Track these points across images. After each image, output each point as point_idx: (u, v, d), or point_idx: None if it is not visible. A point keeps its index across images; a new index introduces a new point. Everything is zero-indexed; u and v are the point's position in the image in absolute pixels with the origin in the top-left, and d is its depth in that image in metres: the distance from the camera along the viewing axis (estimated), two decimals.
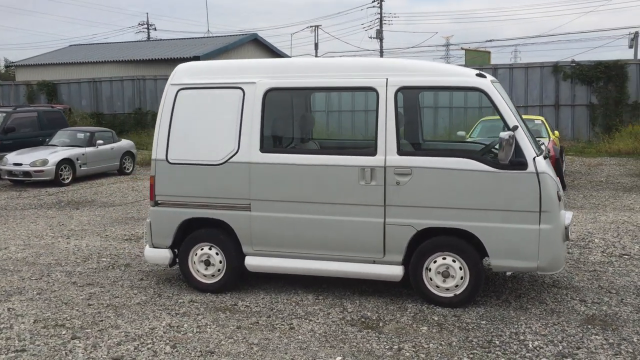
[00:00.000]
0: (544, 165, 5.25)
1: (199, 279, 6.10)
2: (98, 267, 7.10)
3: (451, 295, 5.50)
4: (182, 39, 35.03)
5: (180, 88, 6.08)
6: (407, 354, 4.57)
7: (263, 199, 5.82)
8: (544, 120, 14.42)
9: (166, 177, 6.08)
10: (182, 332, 5.05)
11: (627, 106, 20.90)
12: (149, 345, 4.78)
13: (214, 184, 5.93)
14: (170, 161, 6.04)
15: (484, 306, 5.53)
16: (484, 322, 5.17)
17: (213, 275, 6.06)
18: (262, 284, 6.22)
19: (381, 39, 44.29)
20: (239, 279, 6.09)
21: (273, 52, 32.78)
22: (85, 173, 15.24)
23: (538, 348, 4.62)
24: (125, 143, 16.91)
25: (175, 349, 4.71)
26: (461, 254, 5.45)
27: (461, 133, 13.71)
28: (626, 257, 7.14)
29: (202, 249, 6.08)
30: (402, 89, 5.56)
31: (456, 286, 5.48)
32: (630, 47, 29.91)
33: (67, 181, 14.53)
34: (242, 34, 32.19)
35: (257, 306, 5.65)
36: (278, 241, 5.84)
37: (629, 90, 20.91)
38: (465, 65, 16.49)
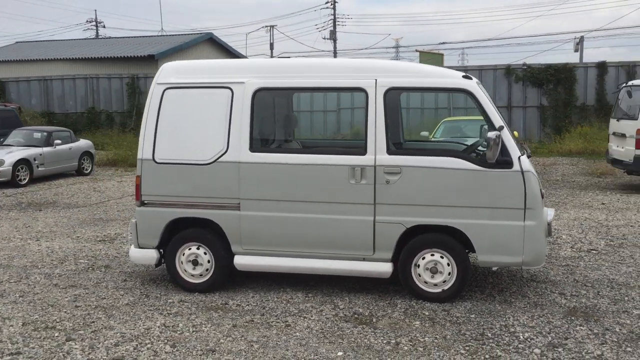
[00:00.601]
0: (527, 164, 5.46)
1: (186, 278, 6.10)
2: (77, 268, 6.99)
3: (439, 290, 5.66)
4: (135, 37, 34.52)
5: (167, 87, 6.06)
6: (405, 347, 4.70)
7: (252, 198, 5.86)
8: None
9: (153, 177, 6.05)
10: (178, 332, 5.05)
11: (576, 108, 21.68)
12: (148, 345, 4.77)
13: (203, 183, 5.94)
14: (157, 161, 6.01)
15: (470, 300, 5.71)
16: (473, 315, 5.34)
17: (201, 275, 6.07)
18: (249, 283, 6.26)
19: (335, 40, 44.62)
20: (227, 279, 6.12)
21: (228, 51, 32.63)
22: (43, 174, 14.88)
23: (529, 339, 4.82)
24: (83, 143, 16.59)
25: (176, 349, 4.72)
26: (449, 251, 5.62)
27: (424, 133, 13.98)
28: (594, 252, 7.46)
29: (189, 249, 6.08)
30: (391, 90, 5.69)
31: (444, 282, 5.64)
32: (576, 50, 30.93)
33: (24, 182, 14.16)
34: (198, 33, 31.93)
35: (248, 305, 5.69)
36: (268, 240, 5.89)
37: (577, 93, 21.70)
38: None
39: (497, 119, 5.50)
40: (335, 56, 44.50)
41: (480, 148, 6.22)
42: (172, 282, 6.26)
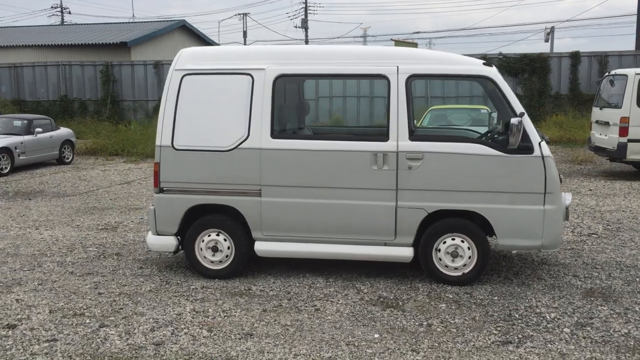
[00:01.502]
0: (547, 149, 5.60)
1: (206, 265, 6.10)
2: (88, 256, 6.93)
3: (459, 274, 5.79)
4: (106, 23, 33.95)
5: (186, 74, 6.03)
6: (438, 329, 4.81)
7: (274, 185, 5.88)
8: (490, 110, 15.06)
9: (172, 164, 6.03)
10: (210, 317, 5.07)
11: (550, 97, 22.13)
12: (185, 330, 4.78)
13: (223, 170, 5.94)
14: (177, 147, 5.99)
15: (489, 284, 5.85)
16: (495, 298, 5.48)
17: (221, 262, 6.08)
18: (268, 269, 6.30)
19: (306, 29, 44.52)
20: (246, 265, 6.14)
21: (201, 39, 32.34)
22: (24, 162, 14.60)
23: (556, 319, 4.97)
24: (64, 131, 16.30)
25: (213, 333, 4.74)
26: (469, 235, 5.74)
27: None
28: (594, 236, 7.69)
29: (209, 235, 6.08)
30: (413, 77, 5.77)
31: (464, 265, 5.77)
32: (546, 41, 31.46)
33: (5, 171, 13.86)
34: (171, 21, 31.51)
35: (272, 290, 5.73)
36: (289, 226, 5.93)
37: (551, 82, 22.14)
38: None
39: (518, 106, 5.61)
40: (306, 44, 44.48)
41: (497, 134, 6.33)
42: (189, 269, 6.27)
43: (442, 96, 22.00)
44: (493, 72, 5.72)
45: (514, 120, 5.39)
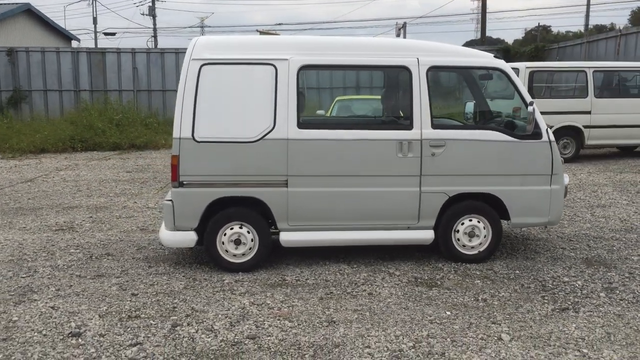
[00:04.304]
0: (552, 135, 6.20)
1: (228, 259, 5.98)
2: (79, 259, 6.43)
3: (476, 252, 6.23)
4: None
5: (204, 63, 5.83)
6: (495, 302, 5.18)
7: (301, 175, 5.91)
8: None
9: (193, 156, 5.81)
10: (275, 308, 5.03)
11: None
12: (267, 322, 4.71)
13: (248, 161, 5.85)
14: (198, 139, 5.79)
15: (500, 260, 6.35)
16: (517, 271, 5.99)
17: (243, 254, 5.99)
18: (281, 260, 6.30)
19: (154, 16, 42.97)
20: (268, 256, 6.11)
21: (48, 24, 30.07)
22: None
23: (585, 286, 5.57)
24: None
25: (294, 323, 4.72)
26: (485, 215, 6.20)
27: (320, 112, 14.42)
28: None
29: (231, 229, 5.96)
30: (432, 68, 6.08)
31: (480, 244, 6.22)
32: (398, 36, 33.29)
33: None
34: (13, 4, 28.86)
35: (308, 279, 5.77)
36: (316, 215, 5.99)
37: None
38: None
39: (527, 95, 6.15)
40: (155, 32, 43.00)
41: (509, 121, 6.78)
42: (202, 263, 6.11)
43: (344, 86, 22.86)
44: (503, 64, 6.21)
45: (530, 109, 5.92)
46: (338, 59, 6.08)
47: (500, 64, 6.20)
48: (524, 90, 6.19)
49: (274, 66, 5.88)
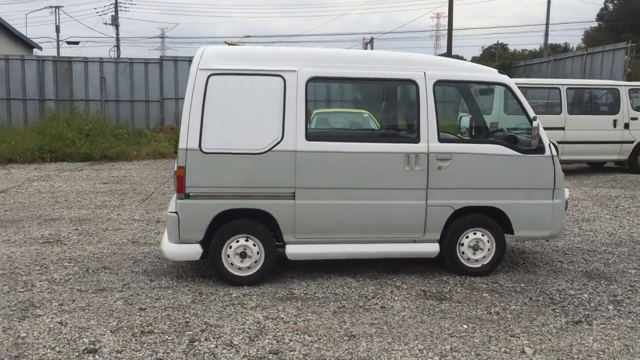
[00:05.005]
0: (554, 150, 6.29)
1: (233, 272, 5.87)
2: (76, 272, 6.23)
3: (479, 265, 6.26)
4: None
5: (212, 73, 5.75)
6: (509, 315, 5.20)
7: (309, 187, 5.85)
8: (370, 114, 15.86)
9: (200, 168, 5.70)
10: (290, 322, 4.95)
11: None
12: (287, 337, 4.62)
13: (256, 173, 5.77)
14: (205, 151, 5.68)
15: (503, 273, 6.39)
16: (522, 284, 6.03)
17: (249, 268, 5.89)
18: (285, 274, 6.22)
19: (117, 26, 42.35)
20: (274, 269, 6.03)
21: (10, 31, 29.35)
22: None
23: (591, 299, 5.64)
24: None
25: (314, 337, 4.64)
26: (489, 229, 6.24)
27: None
28: None
29: (237, 241, 5.86)
30: (439, 82, 6.12)
31: (484, 257, 6.25)
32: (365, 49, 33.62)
33: None
34: None
35: (316, 292, 5.71)
36: (323, 228, 5.94)
37: None
38: None
39: (531, 110, 6.24)
40: (118, 42, 42.40)
41: (510, 135, 6.85)
42: (201, 277, 5.98)
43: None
44: (508, 80, 6.29)
45: (535, 124, 6.00)
46: (346, 71, 6.06)
47: (505, 79, 6.28)
48: (527, 105, 6.27)
49: (283, 77, 5.83)
